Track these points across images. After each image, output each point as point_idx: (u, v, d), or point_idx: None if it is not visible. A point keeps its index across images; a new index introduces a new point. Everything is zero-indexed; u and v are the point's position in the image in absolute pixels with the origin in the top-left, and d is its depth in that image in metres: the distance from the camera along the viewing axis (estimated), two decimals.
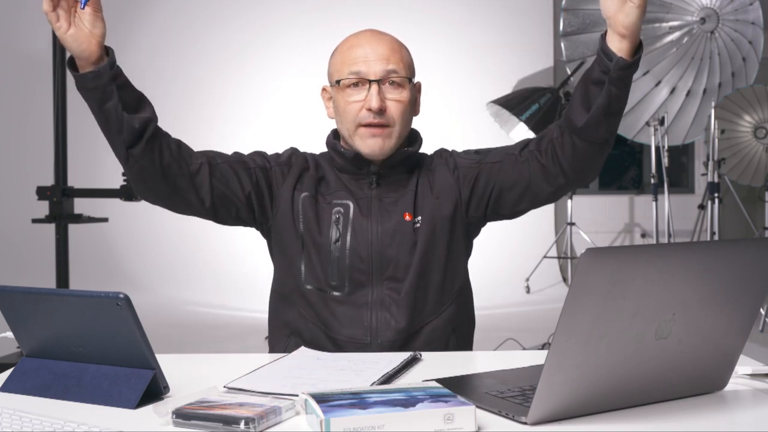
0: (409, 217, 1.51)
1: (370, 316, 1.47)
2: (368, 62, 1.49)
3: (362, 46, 1.51)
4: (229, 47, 6.10)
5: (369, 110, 1.48)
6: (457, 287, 1.55)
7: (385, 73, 1.49)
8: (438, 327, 1.50)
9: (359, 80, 1.49)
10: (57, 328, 1.12)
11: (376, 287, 1.48)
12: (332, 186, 1.54)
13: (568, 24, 5.08)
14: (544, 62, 6.33)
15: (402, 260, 1.49)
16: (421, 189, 1.54)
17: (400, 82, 1.50)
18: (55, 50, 3.58)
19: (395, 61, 1.50)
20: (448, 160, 1.58)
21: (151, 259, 5.88)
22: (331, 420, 0.87)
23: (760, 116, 5.35)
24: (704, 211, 5.18)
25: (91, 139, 5.72)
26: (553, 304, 4.94)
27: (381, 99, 1.48)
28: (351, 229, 1.49)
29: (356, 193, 1.53)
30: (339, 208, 1.51)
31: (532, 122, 4.72)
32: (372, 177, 1.53)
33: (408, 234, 1.49)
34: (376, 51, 1.50)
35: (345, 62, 1.51)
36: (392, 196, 1.53)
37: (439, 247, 1.51)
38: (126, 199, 3.45)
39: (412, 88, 1.55)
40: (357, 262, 1.48)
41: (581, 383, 0.95)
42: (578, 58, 5.10)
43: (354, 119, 1.50)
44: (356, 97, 1.50)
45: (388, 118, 1.49)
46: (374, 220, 1.51)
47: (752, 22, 4.78)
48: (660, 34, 4.96)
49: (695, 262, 0.96)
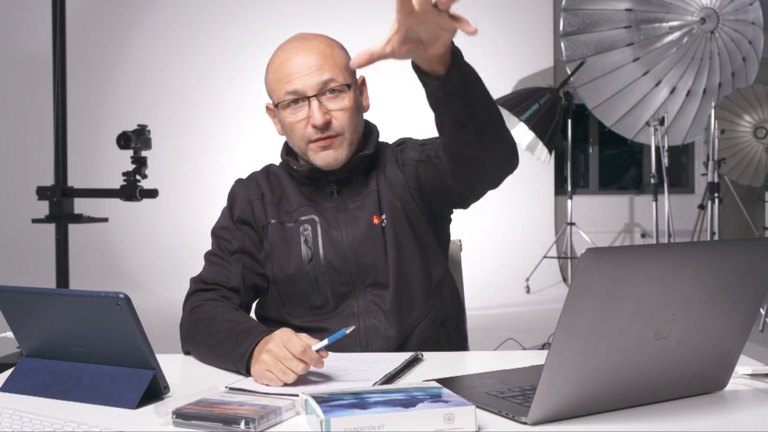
0: (377, 219, 1.48)
1: (359, 326, 1.45)
2: (302, 77, 1.43)
3: (291, 60, 1.45)
4: (229, 47, 6.10)
5: (314, 126, 1.44)
6: (438, 278, 1.52)
7: (322, 85, 1.43)
8: (426, 325, 1.49)
9: (298, 98, 1.44)
10: (57, 328, 1.12)
11: (360, 296, 1.47)
12: (294, 203, 1.52)
13: (568, 24, 5.09)
14: (544, 62, 6.33)
15: (379, 265, 1.46)
16: (382, 188, 1.51)
17: (339, 89, 1.44)
18: (55, 50, 3.57)
19: (329, 67, 1.44)
20: (397, 156, 1.55)
21: (151, 259, 5.88)
22: (331, 420, 0.87)
23: (760, 116, 5.35)
24: (704, 211, 5.18)
25: (91, 139, 5.74)
26: (553, 304, 4.94)
27: (323, 113, 1.42)
28: (322, 244, 1.47)
29: (320, 204, 1.50)
30: (305, 225, 1.49)
31: (532, 122, 4.72)
32: (332, 186, 1.51)
33: (378, 237, 1.47)
34: (307, 63, 1.44)
35: (279, 81, 1.46)
36: (356, 201, 1.50)
37: (408, 242, 1.48)
38: (126, 199, 3.45)
39: (355, 90, 1.49)
40: (334, 275, 1.46)
41: (581, 383, 0.95)
42: (578, 58, 5.10)
43: (302, 137, 1.46)
44: (299, 115, 1.45)
45: (335, 129, 1.45)
46: (343, 229, 1.48)
47: (752, 22, 4.79)
48: (660, 34, 4.96)
49: (695, 262, 0.96)
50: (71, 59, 3.74)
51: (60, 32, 3.57)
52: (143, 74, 6.10)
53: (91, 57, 5.88)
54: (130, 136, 3.36)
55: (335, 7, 6.08)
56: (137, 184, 3.42)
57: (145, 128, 3.45)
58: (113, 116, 5.81)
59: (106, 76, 6.05)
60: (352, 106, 1.46)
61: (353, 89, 1.47)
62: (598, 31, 5.10)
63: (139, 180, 3.43)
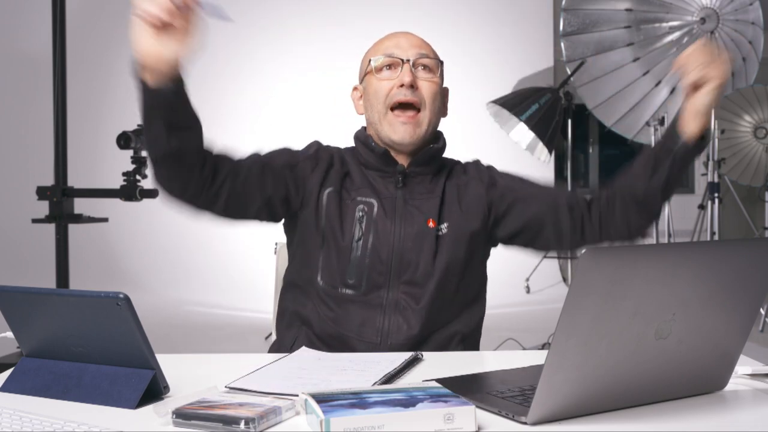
0: (432, 223, 1.50)
1: (383, 319, 1.46)
2: (401, 47, 1.54)
3: (396, 36, 1.56)
4: (229, 47, 6.09)
5: (401, 87, 1.50)
6: (472, 297, 1.55)
7: (418, 55, 1.53)
8: (447, 335, 1.50)
9: (393, 62, 1.52)
10: (57, 328, 1.12)
11: (392, 290, 1.47)
12: (357, 182, 1.53)
13: (568, 24, 5.08)
14: (544, 62, 6.33)
15: (421, 265, 1.47)
16: (448, 197, 1.53)
17: (431, 66, 1.54)
18: (55, 50, 3.58)
19: (426, 48, 1.55)
20: (483, 174, 1.58)
21: (151, 259, 5.88)
22: (331, 420, 0.87)
23: (760, 116, 5.35)
24: (704, 211, 5.18)
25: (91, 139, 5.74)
26: (553, 304, 4.93)
27: (413, 76, 1.51)
28: (373, 229, 1.48)
29: (381, 191, 1.52)
30: (363, 206, 1.50)
31: (532, 122, 4.72)
32: (398, 176, 1.52)
33: (430, 240, 1.49)
34: (409, 40, 1.55)
35: (378, 50, 1.56)
36: (417, 199, 1.52)
37: (461, 258, 1.50)
38: (126, 199, 3.45)
39: (442, 80, 1.57)
40: (377, 262, 1.47)
41: (581, 383, 0.95)
42: (578, 58, 5.10)
43: (385, 99, 1.51)
44: (389, 76, 1.52)
45: (419, 96, 1.50)
46: (397, 222, 1.50)
47: (752, 22, 4.78)
48: (660, 34, 4.96)
49: (695, 262, 0.96)
50: (71, 59, 3.74)
51: (60, 32, 3.57)
52: None
53: (91, 57, 5.88)
54: (130, 136, 3.36)
55: (335, 7, 6.08)
56: (137, 184, 3.42)
57: None
58: (113, 116, 5.80)
59: (106, 76, 6.04)
60: (437, 86, 1.54)
61: (441, 78, 1.56)
62: (598, 31, 5.09)
63: (139, 180, 3.43)
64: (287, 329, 1.55)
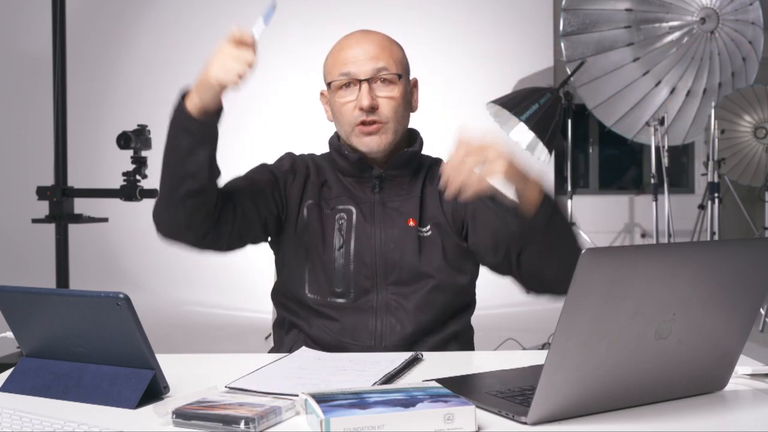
0: (413, 222, 1.50)
1: (376, 321, 1.46)
2: (357, 62, 1.49)
3: (351, 47, 1.51)
4: None
5: (361, 109, 1.48)
6: (462, 293, 1.54)
7: (375, 71, 1.48)
8: (440, 333, 1.50)
9: (350, 80, 1.49)
10: (57, 328, 1.12)
11: (381, 292, 1.48)
12: (335, 191, 1.53)
13: (568, 24, 5.08)
14: (544, 62, 6.33)
15: (407, 265, 1.47)
16: (428, 198, 1.53)
17: (390, 79, 1.49)
18: (55, 50, 3.57)
19: (384, 58, 1.50)
20: None
21: (151, 259, 5.87)
22: (331, 420, 0.87)
23: (760, 116, 5.35)
24: (704, 211, 5.18)
25: (91, 139, 5.74)
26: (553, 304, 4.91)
27: (371, 97, 1.47)
28: (354, 236, 1.49)
29: (359, 197, 1.52)
30: (342, 214, 1.50)
31: (532, 122, 4.71)
32: (375, 181, 1.52)
33: (412, 239, 1.48)
34: (365, 50, 1.50)
35: (335, 64, 1.51)
36: (396, 201, 1.52)
37: (448, 256, 1.49)
38: (126, 199, 3.45)
39: (406, 84, 1.54)
40: (362, 267, 1.47)
41: (581, 383, 0.95)
42: (578, 58, 5.09)
43: (349, 120, 1.50)
44: (348, 97, 1.50)
45: (380, 116, 1.48)
46: (378, 225, 1.50)
47: (752, 22, 4.78)
48: (660, 34, 4.96)
49: (695, 262, 0.96)
50: (71, 59, 3.74)
51: (60, 32, 3.57)
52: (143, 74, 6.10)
53: (91, 57, 5.88)
54: (130, 136, 3.36)
55: (335, 8, 6.08)
56: (137, 184, 3.42)
57: (145, 128, 3.45)
58: (113, 116, 5.81)
59: (106, 76, 6.04)
60: (400, 97, 1.51)
61: (404, 83, 1.53)
62: (598, 31, 5.09)
63: (139, 180, 3.43)
64: (286, 335, 1.56)
